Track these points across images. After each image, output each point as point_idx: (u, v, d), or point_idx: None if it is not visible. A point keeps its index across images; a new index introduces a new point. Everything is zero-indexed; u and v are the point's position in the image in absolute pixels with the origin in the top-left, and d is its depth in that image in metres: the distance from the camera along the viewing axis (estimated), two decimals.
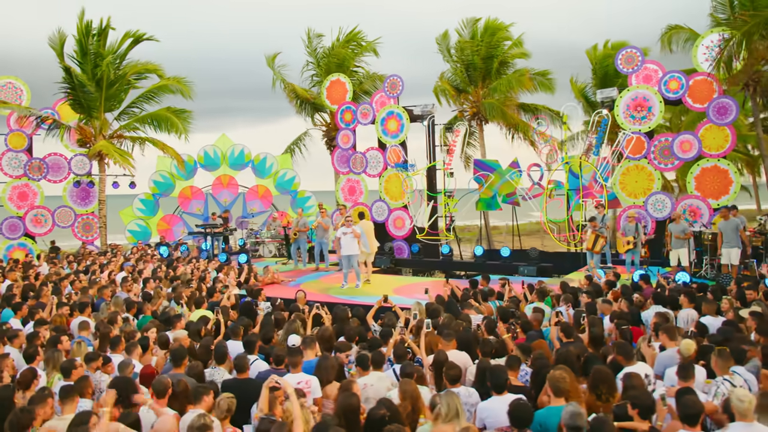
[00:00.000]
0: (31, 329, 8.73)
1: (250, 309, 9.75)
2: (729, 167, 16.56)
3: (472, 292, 10.43)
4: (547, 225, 18.67)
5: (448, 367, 5.86)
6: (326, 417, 4.83)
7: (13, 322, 9.18)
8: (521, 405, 4.85)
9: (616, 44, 29.88)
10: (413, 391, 5.58)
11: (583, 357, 6.70)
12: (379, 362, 6.27)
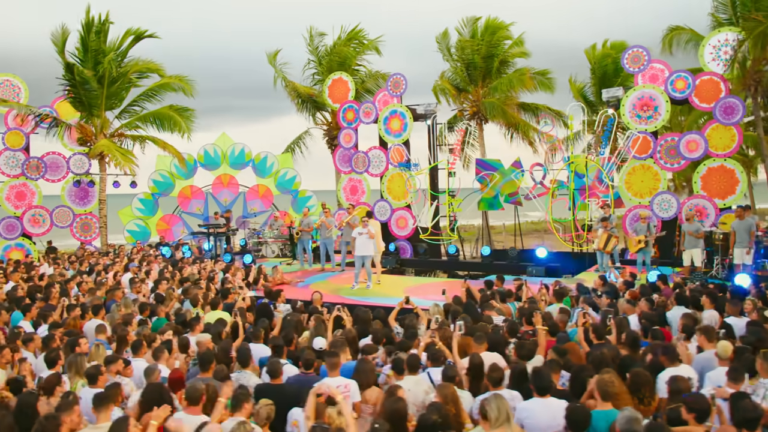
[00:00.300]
0: (45, 332, 8.53)
1: (267, 311, 9.59)
2: (735, 167, 16.56)
3: (489, 292, 10.31)
4: (553, 225, 18.60)
5: (491, 370, 5.74)
6: (376, 423, 4.68)
7: (23, 324, 8.96)
8: (579, 408, 4.74)
9: (615, 44, 29.93)
10: (453, 394, 5.47)
11: (616, 359, 6.60)
12: (415, 366, 6.13)
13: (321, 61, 23.34)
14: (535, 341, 7.07)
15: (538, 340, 7.10)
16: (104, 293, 11.27)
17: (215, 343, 7.67)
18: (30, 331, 8.53)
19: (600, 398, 5.25)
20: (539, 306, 9.70)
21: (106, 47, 18.47)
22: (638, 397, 5.63)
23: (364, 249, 13.66)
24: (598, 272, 14.83)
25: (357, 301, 11.99)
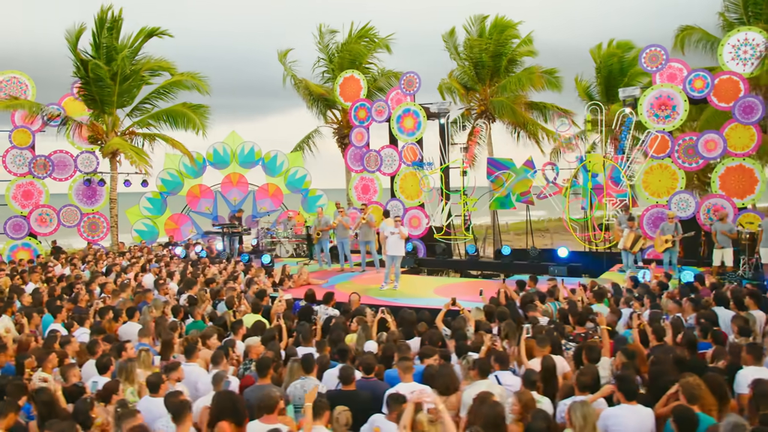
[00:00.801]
0: (83, 336, 8.32)
1: (309, 313, 9.41)
2: (754, 166, 16.52)
3: (530, 292, 10.17)
4: (570, 224, 18.52)
5: (580, 374, 5.61)
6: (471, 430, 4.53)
7: (55, 327, 8.69)
8: (686, 410, 4.63)
9: (621, 43, 30.07)
10: (532, 401, 5.34)
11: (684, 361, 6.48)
12: (486, 370, 5.98)
13: (332, 59, 23.14)
14: (596, 343, 6.93)
15: (602, 342, 6.97)
16: (130, 295, 11.04)
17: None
18: (65, 334, 8.30)
19: (686, 401, 5.13)
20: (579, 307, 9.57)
21: (119, 44, 18.18)
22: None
23: (396, 249, 13.51)
24: (623, 272, 14.81)
25: (386, 301, 11.83)
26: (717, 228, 14.01)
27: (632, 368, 5.94)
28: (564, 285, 10.84)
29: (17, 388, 5.59)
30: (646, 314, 8.31)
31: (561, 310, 9.24)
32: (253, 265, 14.80)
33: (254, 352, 6.95)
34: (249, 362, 6.90)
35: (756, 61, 16.25)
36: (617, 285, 10.75)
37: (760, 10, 21.53)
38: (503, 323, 7.89)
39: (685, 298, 9.29)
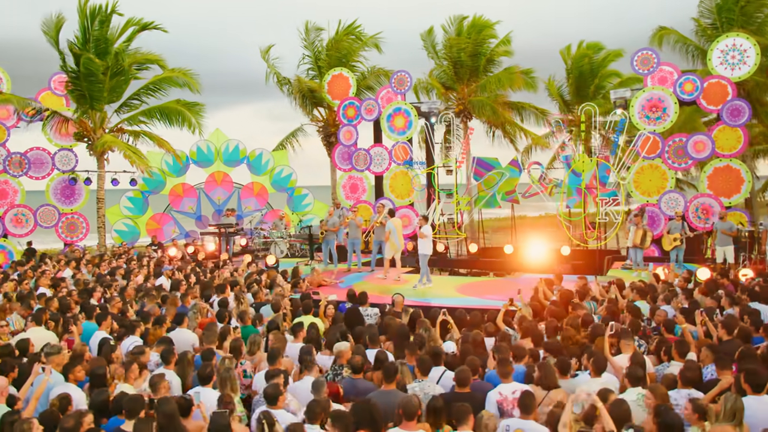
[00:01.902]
0: (133, 345, 7.91)
1: (357, 315, 9.29)
2: (741, 167, 17.25)
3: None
4: (563, 222, 18.90)
5: (686, 368, 5.76)
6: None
7: (103, 335, 8.24)
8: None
9: (591, 45, 30.72)
10: (665, 394, 5.46)
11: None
12: (602, 368, 6.07)
13: (318, 57, 22.87)
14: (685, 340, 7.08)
15: (687, 338, 7.16)
16: (155, 299, 10.58)
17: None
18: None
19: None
20: (620, 305, 9.76)
21: (109, 37, 17.43)
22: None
23: (424, 248, 13.52)
24: (627, 269, 15.23)
25: (416, 302, 11.77)
26: (718, 227, 14.57)
27: (729, 362, 6.10)
28: (597, 282, 11.04)
29: (137, 402, 5.33)
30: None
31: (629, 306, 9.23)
32: (261, 267, 14.52)
33: (345, 357, 6.81)
34: (340, 367, 6.76)
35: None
36: (653, 284, 10.97)
37: (733, 16, 22.47)
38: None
39: (722, 293, 9.61)
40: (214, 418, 5.07)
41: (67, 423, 5.05)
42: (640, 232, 14.63)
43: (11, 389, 6.07)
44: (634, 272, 14.34)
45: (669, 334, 7.94)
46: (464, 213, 20.33)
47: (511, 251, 17.90)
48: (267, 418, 4.92)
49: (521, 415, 5.17)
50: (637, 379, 5.85)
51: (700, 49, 23.79)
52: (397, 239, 15.09)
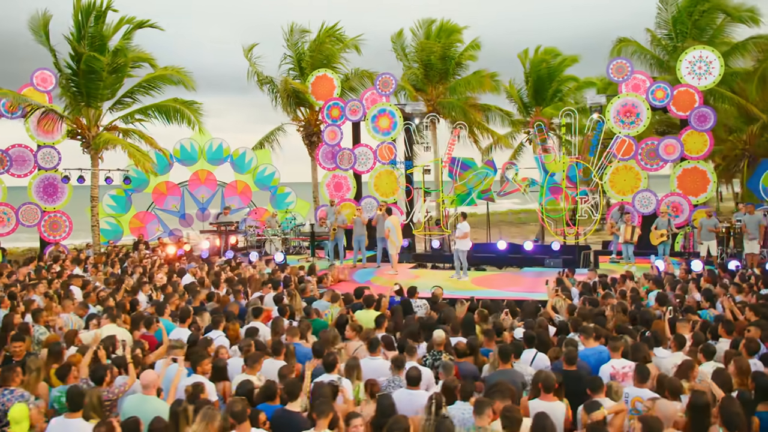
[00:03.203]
0: (220, 339, 8.23)
1: (409, 307, 9.93)
2: (707, 168, 18.83)
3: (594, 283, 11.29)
4: (545, 219, 20.06)
5: (748, 341, 6.71)
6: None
7: (181, 333, 8.44)
8: None
9: (548, 50, 32.31)
10: (748, 365, 6.31)
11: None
12: (713, 353, 6.94)
13: (301, 58, 23.21)
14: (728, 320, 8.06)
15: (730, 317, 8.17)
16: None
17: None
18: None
19: None
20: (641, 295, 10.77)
21: (105, 34, 17.25)
22: None
23: (461, 244, 14.55)
24: (615, 262, 16.48)
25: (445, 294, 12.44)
26: (703, 224, 15.97)
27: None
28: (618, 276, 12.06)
29: (295, 386, 5.81)
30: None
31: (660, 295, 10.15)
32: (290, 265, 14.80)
33: (441, 344, 7.44)
34: (438, 353, 7.38)
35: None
36: (658, 275, 12.08)
37: (686, 29, 24.28)
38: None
39: (728, 282, 10.79)
40: (380, 400, 5.62)
41: (236, 407, 5.48)
42: (629, 228, 15.88)
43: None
44: (624, 265, 15.56)
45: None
46: (449, 210, 21.11)
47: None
48: (437, 399, 5.50)
49: (636, 384, 5.97)
50: (711, 354, 6.75)
51: (656, 58, 25.57)
52: (396, 236, 15.81)
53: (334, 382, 6.11)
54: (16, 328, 8.26)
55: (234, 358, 7.31)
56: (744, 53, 23.44)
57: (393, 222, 16.05)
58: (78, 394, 5.50)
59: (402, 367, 6.49)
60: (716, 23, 24.34)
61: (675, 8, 24.38)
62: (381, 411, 5.52)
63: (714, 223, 15.70)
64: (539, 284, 13.95)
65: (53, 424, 5.45)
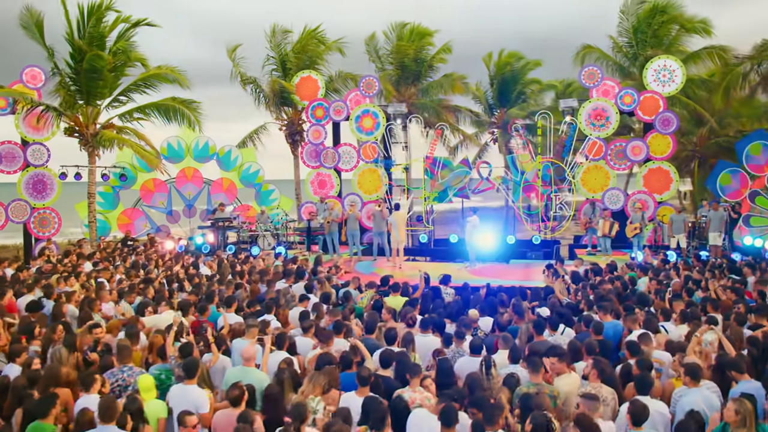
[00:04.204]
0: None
1: (438, 293, 10.91)
2: (670, 168, 20.43)
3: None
4: (522, 215, 21.35)
5: (737, 315, 7.95)
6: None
7: (230, 318, 9.15)
8: None
9: (512, 53, 33.82)
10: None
11: None
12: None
13: (284, 59, 23.86)
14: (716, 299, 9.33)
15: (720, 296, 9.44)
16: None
17: None
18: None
19: None
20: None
21: (103, 32, 17.54)
22: None
23: (470, 236, 15.97)
24: (592, 254, 17.84)
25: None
26: (674, 219, 17.49)
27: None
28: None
29: (392, 355, 6.73)
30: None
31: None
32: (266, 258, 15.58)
33: (476, 320, 8.47)
34: (475, 329, 8.39)
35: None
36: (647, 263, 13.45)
37: (646, 38, 26.01)
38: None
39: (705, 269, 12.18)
40: (440, 363, 6.59)
41: (334, 373, 6.35)
42: (607, 223, 17.26)
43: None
44: (603, 257, 16.92)
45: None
46: (431, 207, 22.19)
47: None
48: (487, 361, 6.49)
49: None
50: (714, 322, 7.94)
51: (618, 64, 27.25)
52: (397, 232, 16.76)
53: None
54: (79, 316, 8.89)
55: (297, 337, 8.13)
56: (697, 61, 25.27)
57: (397, 218, 17.01)
58: (194, 364, 6.24)
59: (463, 338, 7.48)
60: (672, 33, 26.14)
61: (635, 18, 26.03)
62: (442, 372, 6.49)
63: (683, 219, 17.26)
64: (530, 274, 15.20)
65: (174, 390, 6.19)
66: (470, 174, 23.29)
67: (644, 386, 5.78)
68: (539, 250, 18.78)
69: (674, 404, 5.79)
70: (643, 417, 5.14)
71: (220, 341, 7.59)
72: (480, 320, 8.91)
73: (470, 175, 23.27)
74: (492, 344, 7.57)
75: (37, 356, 7.31)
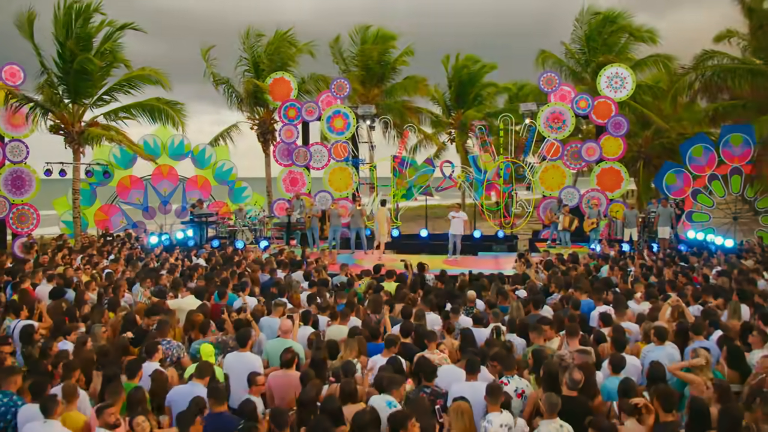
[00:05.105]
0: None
1: (423, 279, 12.08)
2: (621, 168, 22.17)
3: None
4: (485, 211, 22.77)
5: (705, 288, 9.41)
6: None
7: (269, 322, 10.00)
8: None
9: (469, 56, 35.37)
10: None
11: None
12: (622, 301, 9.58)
13: (258, 60, 24.65)
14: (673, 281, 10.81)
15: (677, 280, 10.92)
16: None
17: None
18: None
19: None
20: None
21: (91, 34, 18.01)
22: None
23: (457, 229, 17.41)
24: (552, 247, 19.34)
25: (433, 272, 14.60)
26: (627, 214, 19.19)
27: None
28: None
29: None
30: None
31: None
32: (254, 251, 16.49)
33: (472, 300, 9.69)
34: (470, 308, 9.61)
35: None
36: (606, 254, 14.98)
37: (597, 45, 27.82)
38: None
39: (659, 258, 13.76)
40: (464, 333, 7.77)
41: (363, 343, 7.46)
42: (567, 218, 18.80)
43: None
44: (562, 249, 18.42)
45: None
46: (399, 204, 23.39)
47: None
48: (497, 329, 7.73)
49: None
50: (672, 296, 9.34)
51: (571, 70, 29.00)
52: (378, 227, 17.97)
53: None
54: (107, 302, 9.71)
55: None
56: (644, 69, 27.27)
57: (381, 214, 18.32)
58: (247, 335, 7.23)
59: (458, 314, 8.71)
60: (621, 42, 28.05)
61: (588, 27, 27.81)
62: (465, 339, 7.67)
63: (635, 214, 19.00)
64: (500, 264, 16.59)
65: (230, 357, 7.17)
66: (434, 173, 24.64)
67: (619, 345, 7.12)
68: (503, 243, 20.22)
69: (644, 358, 7.13)
70: (621, 366, 6.44)
71: (240, 322, 8.52)
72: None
73: (434, 174, 24.65)
74: (487, 319, 8.80)
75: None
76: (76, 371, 6.36)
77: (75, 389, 5.75)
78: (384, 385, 5.86)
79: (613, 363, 6.50)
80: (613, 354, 6.74)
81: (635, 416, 5.23)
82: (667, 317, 8.33)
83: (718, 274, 11.74)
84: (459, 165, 26.96)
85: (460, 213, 17.85)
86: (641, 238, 19.14)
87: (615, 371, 6.44)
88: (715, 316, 8.40)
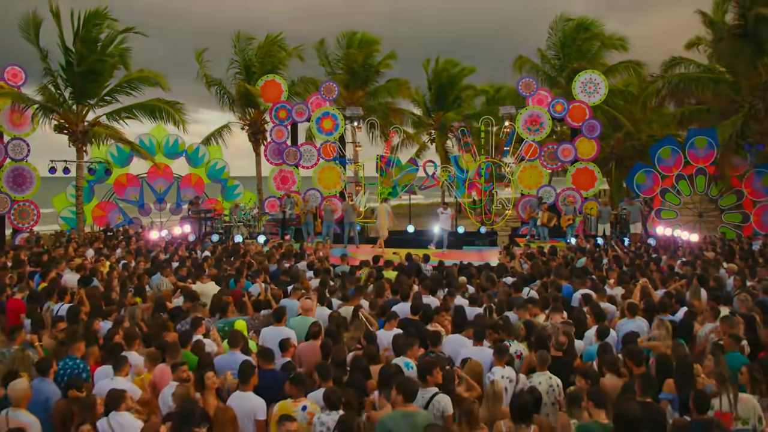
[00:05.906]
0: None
1: (420, 269, 13.25)
2: (594, 168, 23.58)
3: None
4: (467, 209, 24.03)
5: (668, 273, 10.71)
6: None
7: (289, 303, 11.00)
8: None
9: (448, 60, 36.69)
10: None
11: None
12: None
13: (249, 63, 25.61)
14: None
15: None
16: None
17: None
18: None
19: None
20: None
21: (96, 37, 18.80)
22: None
23: (445, 224, 19.01)
24: (531, 242, 20.64)
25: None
26: (602, 211, 20.59)
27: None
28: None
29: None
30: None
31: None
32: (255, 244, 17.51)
33: (463, 285, 10.87)
34: (463, 292, 10.80)
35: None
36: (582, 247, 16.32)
37: (571, 51, 29.27)
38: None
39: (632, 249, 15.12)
40: (457, 310, 8.94)
41: (371, 322, 8.59)
42: (546, 215, 20.12)
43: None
44: (540, 244, 19.72)
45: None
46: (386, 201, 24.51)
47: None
48: (490, 307, 8.93)
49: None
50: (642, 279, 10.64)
51: (547, 74, 30.40)
52: (381, 221, 19.22)
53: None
54: (132, 288, 10.70)
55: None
56: (615, 74, 28.77)
57: (380, 209, 19.63)
58: (282, 311, 8.32)
59: (454, 296, 9.90)
60: (594, 48, 29.52)
61: (562, 34, 29.24)
62: (458, 313, 8.86)
63: (608, 211, 20.44)
64: (484, 256, 17.85)
65: (266, 331, 8.23)
66: (417, 172, 25.80)
67: (600, 317, 8.40)
68: (485, 238, 21.51)
69: (619, 329, 8.38)
70: (606, 333, 7.66)
71: (260, 303, 9.56)
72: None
73: (417, 173, 25.82)
74: (480, 300, 10.00)
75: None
76: (136, 340, 7.39)
77: (159, 354, 6.83)
78: (400, 346, 7.00)
79: (599, 331, 7.71)
80: (600, 324, 7.97)
81: (613, 371, 6.45)
82: (638, 297, 9.60)
83: (682, 264, 13.13)
84: (440, 164, 28.28)
85: (447, 210, 19.13)
86: (614, 233, 20.55)
87: (600, 338, 7.64)
88: (682, 295, 9.72)
